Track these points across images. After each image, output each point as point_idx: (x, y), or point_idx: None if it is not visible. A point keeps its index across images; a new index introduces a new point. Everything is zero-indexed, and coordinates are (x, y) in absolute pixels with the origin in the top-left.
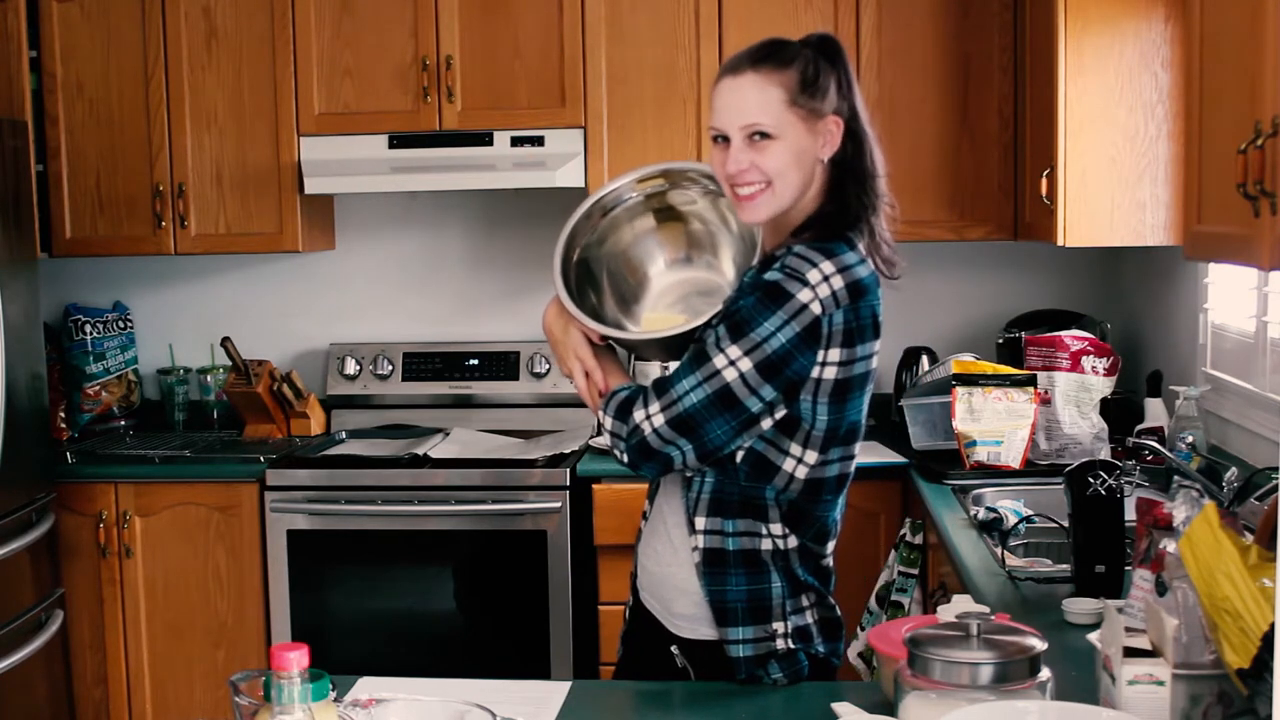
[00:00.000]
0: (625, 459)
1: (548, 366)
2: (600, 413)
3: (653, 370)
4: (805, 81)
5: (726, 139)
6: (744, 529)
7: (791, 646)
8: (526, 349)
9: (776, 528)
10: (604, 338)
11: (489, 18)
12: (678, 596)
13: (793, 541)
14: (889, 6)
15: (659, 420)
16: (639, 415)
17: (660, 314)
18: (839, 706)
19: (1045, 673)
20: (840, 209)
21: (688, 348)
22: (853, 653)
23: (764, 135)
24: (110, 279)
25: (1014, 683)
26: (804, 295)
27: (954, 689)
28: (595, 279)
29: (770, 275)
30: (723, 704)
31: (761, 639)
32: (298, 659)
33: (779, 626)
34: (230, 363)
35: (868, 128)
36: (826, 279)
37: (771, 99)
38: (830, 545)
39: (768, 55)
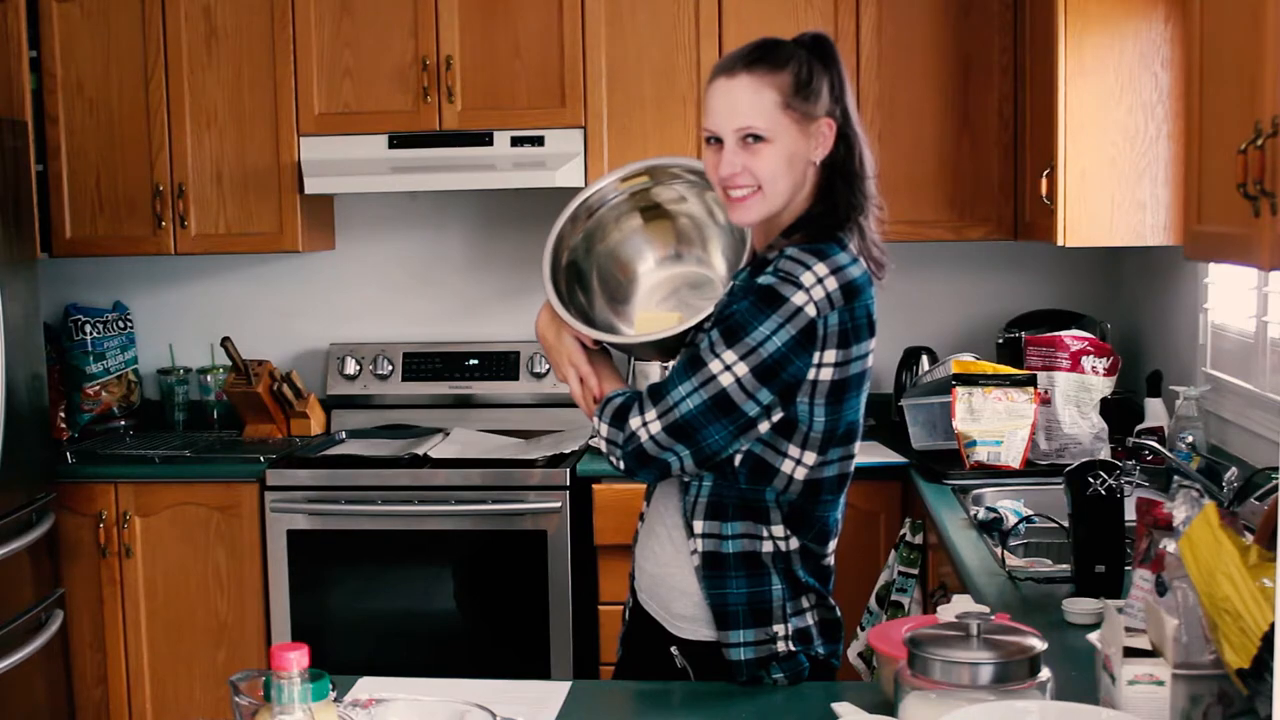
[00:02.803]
0: (621, 466)
1: (548, 366)
2: (596, 419)
3: (653, 370)
4: (799, 84)
5: (719, 140)
6: (743, 531)
7: (792, 649)
8: (526, 349)
9: (778, 529)
10: (597, 342)
11: (489, 18)
12: (677, 597)
13: (794, 543)
14: (889, 6)
15: (655, 427)
16: (635, 422)
17: (653, 312)
18: (839, 706)
19: (1045, 673)
20: (830, 209)
21: (682, 346)
22: (852, 653)
23: (757, 138)
24: (110, 279)
25: (1014, 683)
26: (798, 298)
27: (954, 689)
28: (585, 280)
29: (764, 279)
30: (722, 704)
31: (762, 641)
32: (298, 659)
33: (780, 629)
34: (230, 363)
35: (859, 129)
36: (820, 281)
37: (765, 102)
38: (831, 545)
39: (761, 57)
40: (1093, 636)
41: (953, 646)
